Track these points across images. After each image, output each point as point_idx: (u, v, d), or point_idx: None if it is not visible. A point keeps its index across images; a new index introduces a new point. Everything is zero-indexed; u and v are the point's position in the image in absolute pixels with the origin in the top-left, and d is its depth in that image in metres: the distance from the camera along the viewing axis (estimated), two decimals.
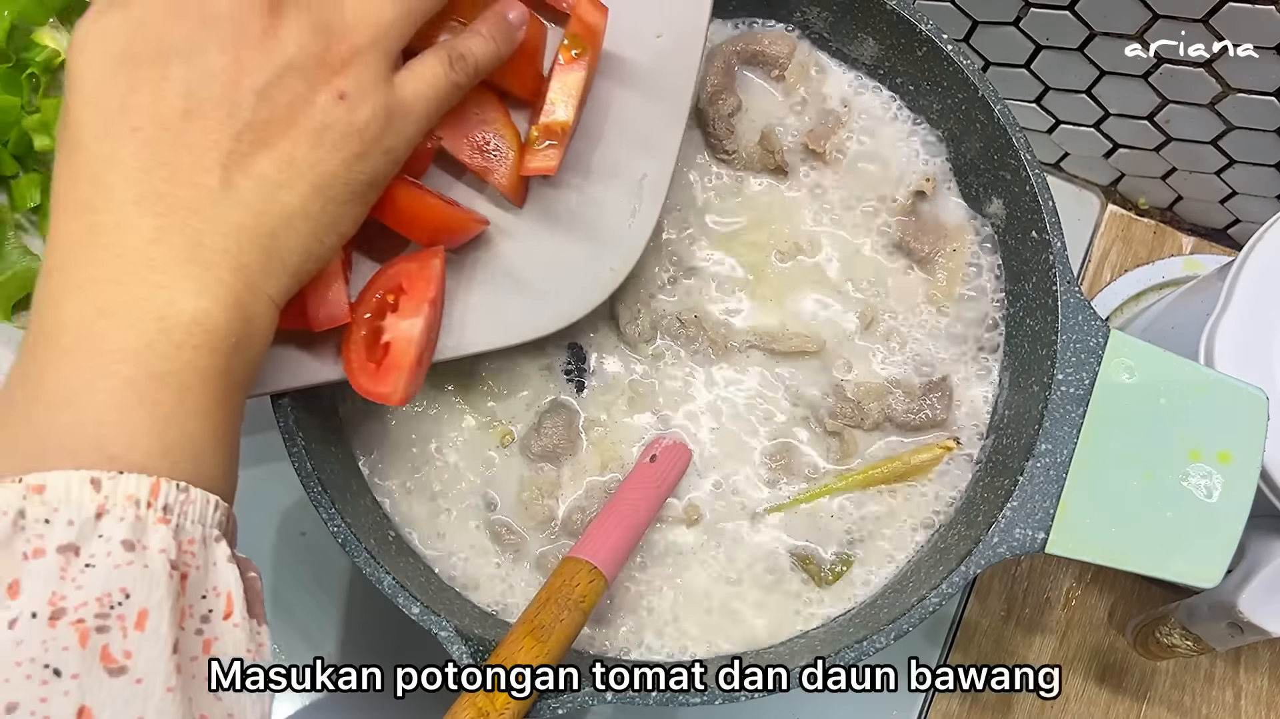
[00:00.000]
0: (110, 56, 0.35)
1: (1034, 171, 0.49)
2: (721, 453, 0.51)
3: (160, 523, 0.30)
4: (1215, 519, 0.44)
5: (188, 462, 0.32)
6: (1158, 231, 0.76)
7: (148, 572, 0.30)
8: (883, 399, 0.51)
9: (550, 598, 0.43)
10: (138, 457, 0.31)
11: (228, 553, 0.32)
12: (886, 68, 0.55)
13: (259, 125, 0.35)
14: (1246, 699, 0.66)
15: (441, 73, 0.40)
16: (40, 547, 0.29)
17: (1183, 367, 0.46)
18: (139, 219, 0.34)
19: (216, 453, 0.34)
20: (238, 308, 0.35)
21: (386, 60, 0.38)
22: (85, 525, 0.29)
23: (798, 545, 0.51)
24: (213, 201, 0.34)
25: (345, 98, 0.36)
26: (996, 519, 0.45)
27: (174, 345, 0.33)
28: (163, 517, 0.30)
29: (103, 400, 0.31)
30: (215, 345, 0.34)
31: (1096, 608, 0.68)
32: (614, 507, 0.48)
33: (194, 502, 0.32)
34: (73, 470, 0.30)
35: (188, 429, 0.32)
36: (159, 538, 0.30)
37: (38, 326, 0.33)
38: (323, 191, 0.36)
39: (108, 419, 0.31)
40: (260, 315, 0.36)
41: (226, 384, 0.34)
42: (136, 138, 0.34)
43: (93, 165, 0.34)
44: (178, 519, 0.31)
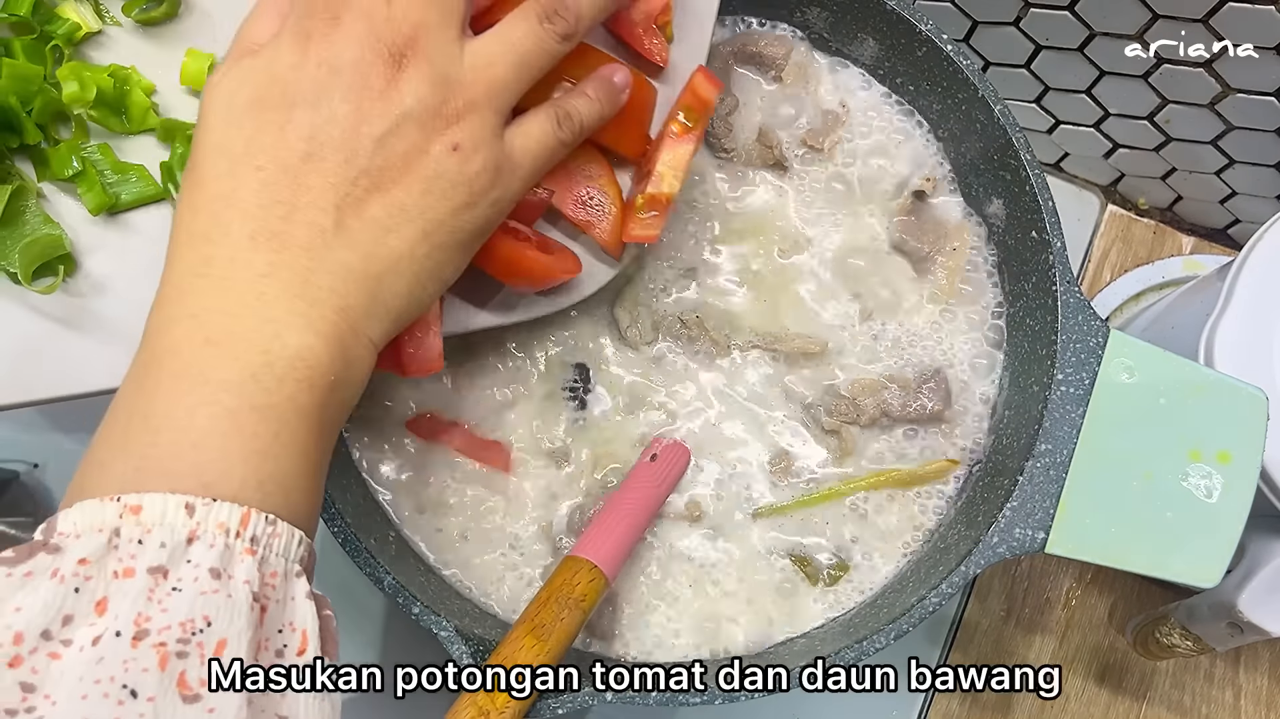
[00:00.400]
0: (238, 102, 0.37)
1: (1034, 171, 0.49)
2: (721, 453, 0.51)
3: (247, 553, 0.31)
4: (1215, 519, 0.44)
5: (278, 495, 0.33)
6: (1158, 231, 0.76)
7: (231, 601, 0.30)
8: (878, 394, 0.51)
9: (551, 597, 0.43)
10: (231, 486, 0.31)
11: (307, 589, 0.33)
12: (886, 68, 0.55)
13: (374, 171, 0.36)
14: (1246, 699, 0.66)
15: (550, 130, 0.41)
16: (131, 567, 0.29)
17: (1183, 366, 0.46)
18: (253, 254, 0.35)
19: (305, 488, 0.34)
20: (340, 347, 0.35)
21: (499, 116, 0.39)
22: (176, 549, 0.30)
23: (795, 545, 0.51)
24: (324, 242, 0.35)
25: (458, 149, 0.38)
26: (996, 519, 0.45)
27: (276, 379, 0.33)
28: (250, 547, 0.31)
29: (204, 427, 0.32)
30: (315, 382, 0.34)
31: (1096, 608, 0.68)
32: (614, 506, 0.48)
33: (280, 535, 0.32)
34: (169, 494, 0.30)
35: (281, 463, 0.33)
36: (244, 568, 0.30)
37: (148, 350, 0.34)
38: (429, 238, 0.38)
39: (207, 446, 0.32)
40: (360, 357, 0.37)
41: (320, 421, 0.35)
42: (258, 177, 0.36)
43: (213, 201, 0.36)
44: (263, 551, 0.31)
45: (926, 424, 0.52)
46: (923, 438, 0.52)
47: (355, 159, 0.36)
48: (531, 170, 0.41)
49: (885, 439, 0.52)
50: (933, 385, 0.51)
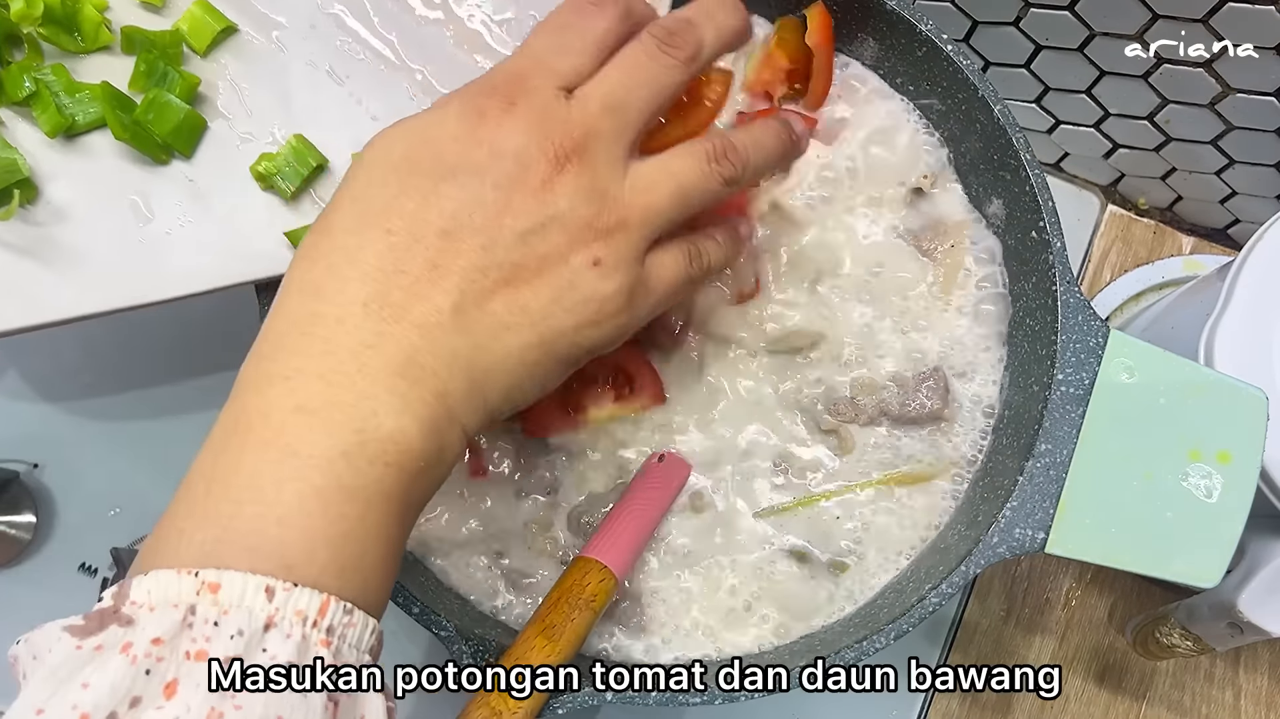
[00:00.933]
0: (389, 160, 0.36)
1: (1034, 171, 0.49)
2: (720, 453, 0.51)
3: (322, 644, 0.30)
4: (1215, 519, 0.44)
5: (356, 581, 0.31)
6: (1158, 231, 0.76)
7: (305, 700, 0.29)
8: (877, 393, 0.51)
9: (562, 597, 0.43)
10: (313, 570, 0.30)
11: (378, 683, 0.32)
12: (886, 68, 0.55)
13: (508, 266, 0.35)
14: (1246, 699, 0.66)
15: (684, 264, 0.41)
16: (204, 649, 0.28)
17: (1183, 367, 0.46)
18: (363, 320, 0.33)
19: (382, 575, 0.33)
20: (434, 433, 0.34)
21: (645, 243, 0.38)
22: (253, 638, 0.29)
23: (796, 546, 0.51)
24: (439, 324, 0.34)
25: (599, 265, 0.37)
26: (996, 519, 0.45)
27: (368, 460, 0.32)
28: (325, 638, 0.30)
29: (290, 504, 0.31)
30: (405, 466, 0.33)
31: (1096, 608, 0.68)
32: (624, 507, 0.48)
33: (355, 625, 0.31)
34: (249, 573, 0.29)
35: (363, 547, 0.32)
36: (320, 665, 0.29)
37: (237, 406, 0.33)
38: (544, 345, 0.36)
39: (291, 524, 0.30)
40: (451, 446, 0.35)
41: (404, 506, 0.34)
42: (387, 240, 0.34)
43: (335, 254, 0.35)
44: (338, 643, 0.30)
45: (926, 423, 0.52)
46: (923, 438, 0.52)
47: (492, 249, 0.35)
48: (662, 299, 0.40)
49: (886, 439, 0.52)
50: (931, 384, 0.51)
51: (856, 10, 0.53)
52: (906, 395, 0.51)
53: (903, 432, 0.52)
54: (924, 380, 0.51)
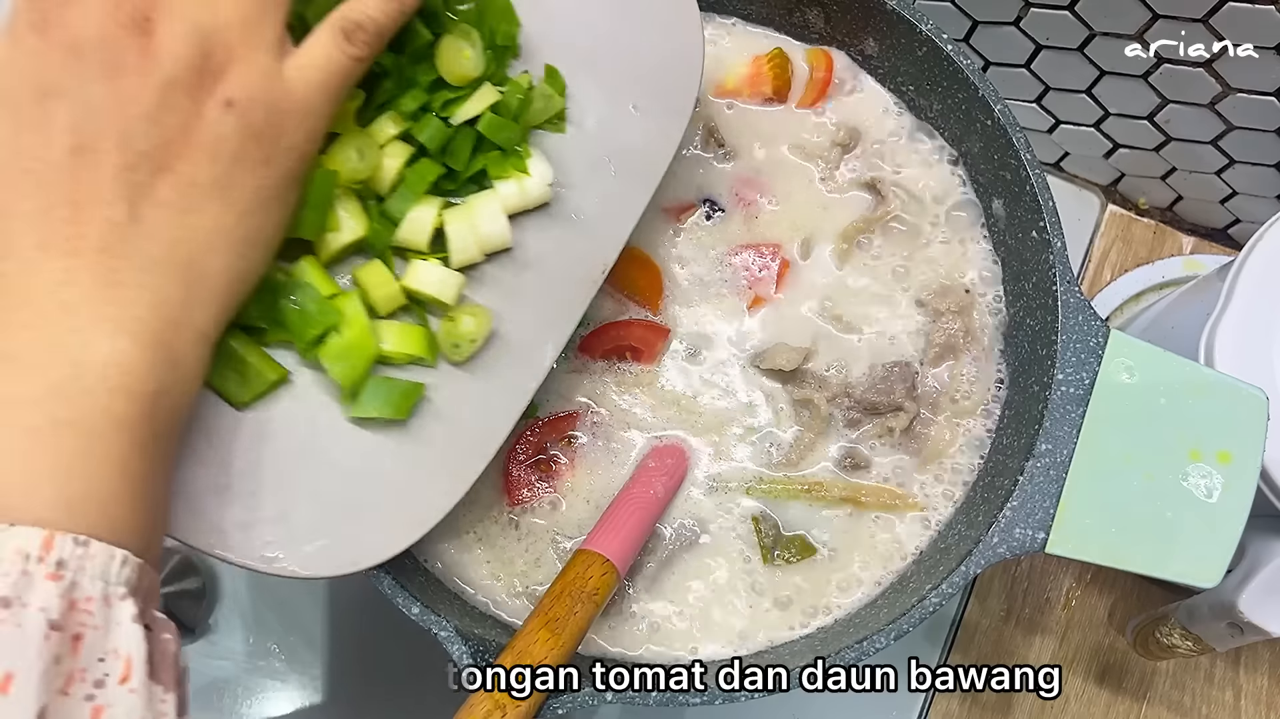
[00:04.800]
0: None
1: (1034, 171, 0.49)
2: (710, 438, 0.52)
3: (50, 579, 0.28)
4: (1215, 519, 0.44)
5: (93, 513, 0.30)
6: (1158, 231, 0.76)
7: (20, 632, 0.27)
8: (842, 381, 0.52)
9: (564, 591, 0.43)
10: (34, 506, 0.29)
11: (133, 612, 0.30)
12: (886, 68, 0.55)
13: (153, 152, 0.33)
14: (1246, 699, 0.66)
15: (334, 51, 0.37)
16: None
17: (1183, 366, 0.46)
18: (46, 262, 0.32)
19: (134, 504, 0.31)
20: (160, 346, 0.33)
21: (268, 54, 0.35)
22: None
23: (796, 538, 0.50)
24: (120, 237, 0.33)
25: (233, 104, 0.34)
26: (996, 519, 0.45)
27: (84, 390, 0.31)
28: (54, 572, 0.28)
29: (6, 446, 0.30)
30: (133, 388, 0.32)
31: (1096, 608, 0.68)
32: (624, 501, 0.48)
33: (94, 557, 0.29)
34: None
35: (97, 480, 0.30)
36: (42, 595, 0.28)
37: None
38: (234, 206, 0.35)
39: (10, 467, 0.29)
40: (187, 354, 0.34)
41: (149, 431, 0.32)
42: (29, 180, 0.33)
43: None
44: (73, 575, 0.29)
45: (894, 413, 0.51)
46: (919, 438, 0.52)
47: (128, 143, 0.33)
48: (325, 101, 0.37)
49: (885, 440, 0.52)
50: (899, 376, 0.51)
51: (856, 10, 0.53)
52: (875, 383, 0.51)
53: (901, 435, 0.52)
54: (892, 369, 0.51)
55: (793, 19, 0.56)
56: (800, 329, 0.53)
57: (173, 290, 0.33)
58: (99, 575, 0.29)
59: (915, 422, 0.51)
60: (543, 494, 0.50)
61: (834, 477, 0.51)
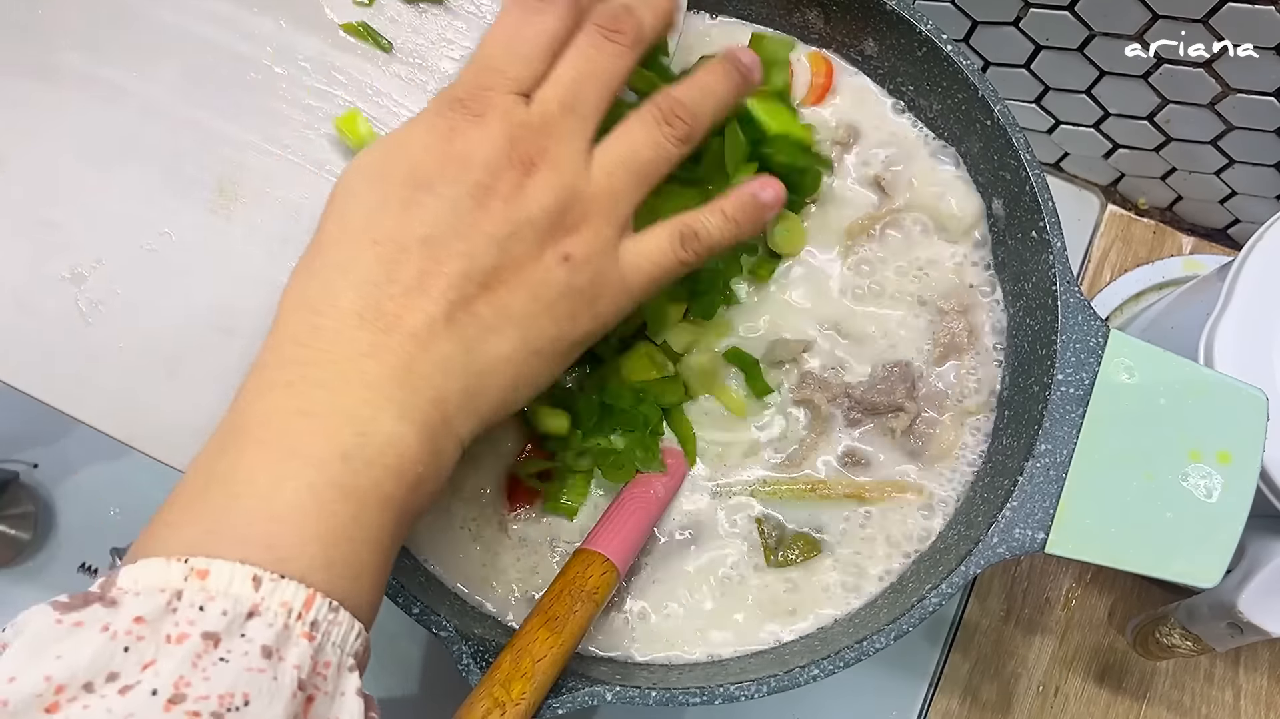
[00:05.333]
0: (367, 176, 0.37)
1: (1034, 171, 0.49)
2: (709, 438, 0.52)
3: (304, 638, 0.29)
4: (1215, 519, 0.44)
5: (346, 580, 0.31)
6: (1158, 231, 0.76)
7: (275, 684, 0.28)
8: (842, 381, 0.51)
9: (564, 589, 0.43)
10: (302, 563, 0.30)
11: (357, 685, 0.31)
12: (886, 68, 0.55)
13: (489, 271, 0.36)
14: (1246, 699, 0.66)
15: (667, 249, 0.40)
16: (186, 632, 0.28)
17: (1183, 366, 0.46)
18: (359, 330, 0.34)
19: (373, 579, 0.33)
20: (431, 439, 0.35)
21: (615, 229, 0.39)
22: (235, 621, 0.28)
23: (798, 535, 0.50)
24: (432, 332, 0.35)
25: (569, 260, 0.38)
26: (996, 519, 0.45)
27: (365, 462, 0.32)
28: (308, 632, 0.30)
29: (286, 500, 0.31)
30: (403, 472, 0.33)
31: (1096, 608, 0.68)
32: (624, 500, 0.48)
33: (340, 624, 0.31)
34: (238, 563, 0.29)
35: (355, 548, 0.32)
36: (297, 653, 0.29)
37: (236, 414, 0.34)
38: (529, 344, 0.37)
39: (285, 519, 0.31)
40: (447, 451, 0.36)
41: (400, 512, 0.34)
42: (374, 251, 0.35)
43: (327, 270, 0.36)
44: (321, 639, 0.30)
45: (894, 413, 0.51)
46: (924, 438, 0.52)
47: (473, 256, 0.36)
48: (642, 289, 0.40)
49: (887, 440, 0.52)
50: (898, 376, 0.51)
51: (856, 10, 0.53)
52: (874, 383, 0.51)
53: (902, 435, 0.52)
54: (891, 369, 0.51)
55: (792, 19, 0.56)
56: (800, 328, 0.53)
57: (454, 394, 0.36)
58: (339, 643, 0.31)
59: (916, 422, 0.51)
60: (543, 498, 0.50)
61: (837, 474, 0.51)
